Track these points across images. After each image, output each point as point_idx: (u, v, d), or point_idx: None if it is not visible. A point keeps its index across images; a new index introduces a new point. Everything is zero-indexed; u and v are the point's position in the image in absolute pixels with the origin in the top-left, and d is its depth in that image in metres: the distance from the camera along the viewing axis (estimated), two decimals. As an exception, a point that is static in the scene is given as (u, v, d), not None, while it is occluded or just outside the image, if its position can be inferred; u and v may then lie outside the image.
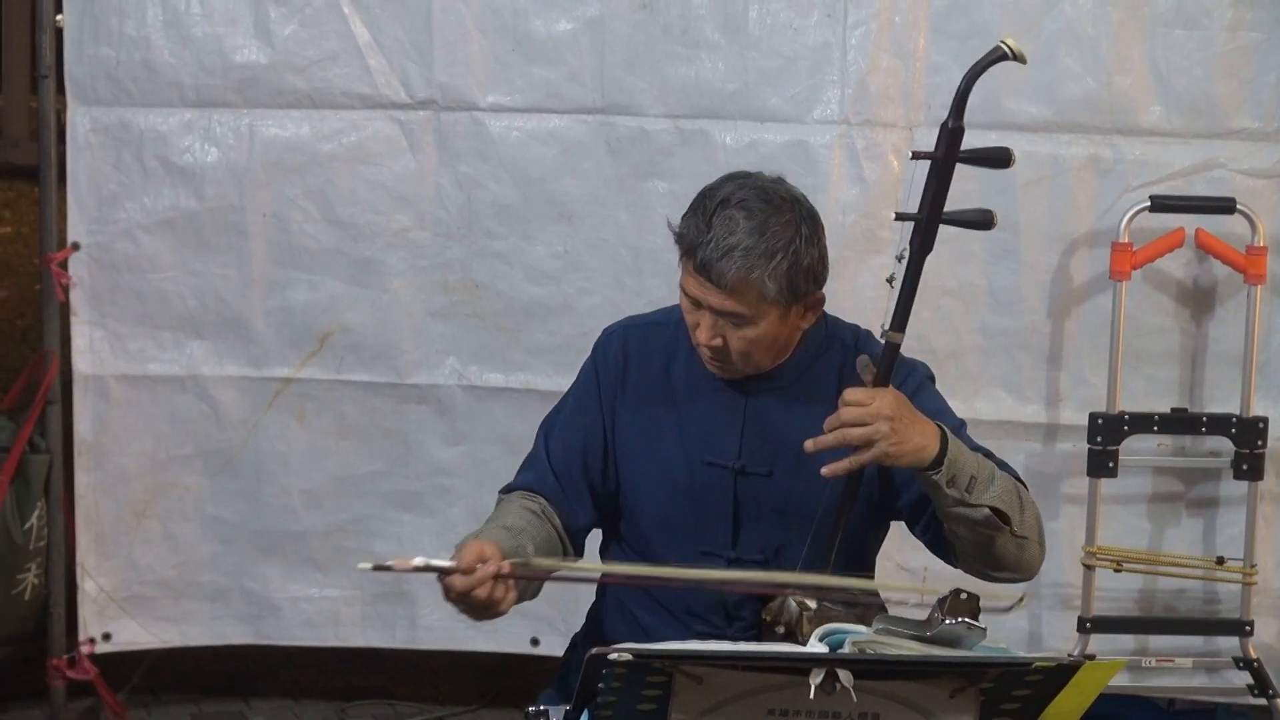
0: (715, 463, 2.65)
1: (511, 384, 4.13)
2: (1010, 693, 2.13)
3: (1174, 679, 4.10)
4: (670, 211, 2.76)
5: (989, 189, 3.92)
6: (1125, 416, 3.93)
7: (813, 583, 2.47)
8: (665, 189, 4.00)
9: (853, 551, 2.64)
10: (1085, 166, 3.97)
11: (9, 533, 4.15)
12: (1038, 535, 2.55)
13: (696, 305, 2.57)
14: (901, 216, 2.55)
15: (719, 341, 2.57)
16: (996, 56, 2.52)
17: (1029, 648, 4.04)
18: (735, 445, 2.65)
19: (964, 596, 2.12)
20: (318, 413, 4.18)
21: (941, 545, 2.60)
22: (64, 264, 4.13)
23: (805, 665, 2.06)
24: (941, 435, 2.45)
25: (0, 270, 7.55)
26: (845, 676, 2.05)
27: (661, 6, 3.97)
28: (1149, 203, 3.89)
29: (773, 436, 2.64)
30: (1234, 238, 3.94)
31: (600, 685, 2.07)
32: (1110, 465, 3.93)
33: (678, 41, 3.98)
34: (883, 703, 2.10)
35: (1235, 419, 3.94)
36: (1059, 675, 2.11)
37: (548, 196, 4.06)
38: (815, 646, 2.16)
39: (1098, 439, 3.93)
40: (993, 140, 3.87)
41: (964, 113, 2.51)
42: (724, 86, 3.98)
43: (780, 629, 2.49)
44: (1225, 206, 3.90)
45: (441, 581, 2.37)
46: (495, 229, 4.09)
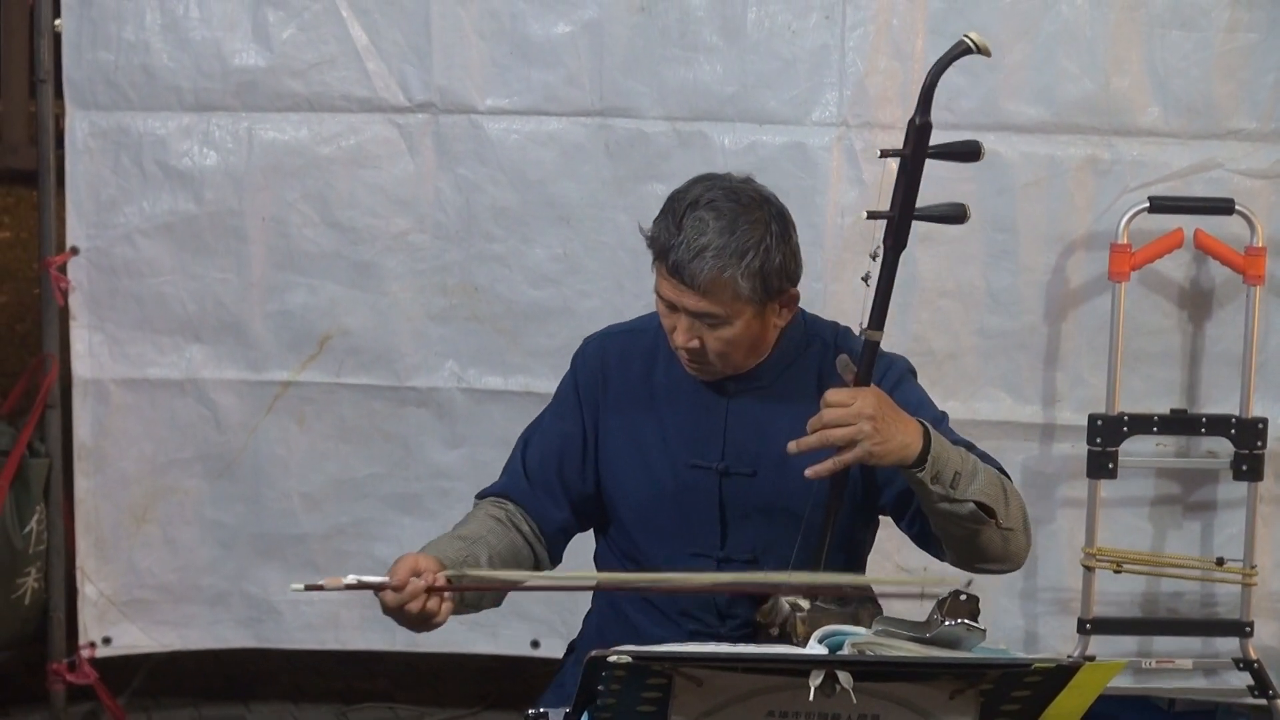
0: (699, 465, 2.67)
1: (511, 387, 4.13)
2: (1010, 694, 2.13)
3: (1174, 680, 4.10)
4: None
5: (987, 190, 3.94)
6: (1124, 418, 3.93)
7: (804, 581, 2.48)
8: (664, 191, 3.87)
9: (844, 550, 2.65)
10: (1083, 167, 3.97)
11: (9, 537, 4.15)
12: (1023, 525, 2.56)
13: (672, 308, 2.59)
14: (873, 215, 2.55)
15: (696, 343, 2.58)
16: (960, 51, 2.51)
17: (1028, 649, 4.04)
18: (718, 447, 2.66)
19: (963, 598, 2.12)
20: (317, 416, 4.18)
21: (928, 539, 2.62)
22: (63, 268, 4.13)
23: (805, 667, 2.06)
24: (925, 432, 2.45)
25: (0, 275, 7.55)
26: (845, 678, 2.05)
27: (660, 9, 3.97)
28: (1147, 204, 3.89)
29: (755, 436, 2.65)
30: (1233, 238, 3.94)
31: (600, 688, 2.07)
32: (1110, 466, 3.93)
33: (676, 44, 3.98)
34: (882, 704, 2.10)
35: (1234, 420, 3.94)
36: (1058, 676, 2.11)
37: (546, 199, 4.07)
38: (814, 648, 2.16)
39: (1097, 440, 3.92)
40: (991, 141, 3.93)
41: (930, 108, 2.50)
42: (722, 89, 3.98)
43: (775, 631, 2.50)
44: (1224, 207, 3.90)
45: (377, 597, 2.40)
46: (494, 232, 4.09)
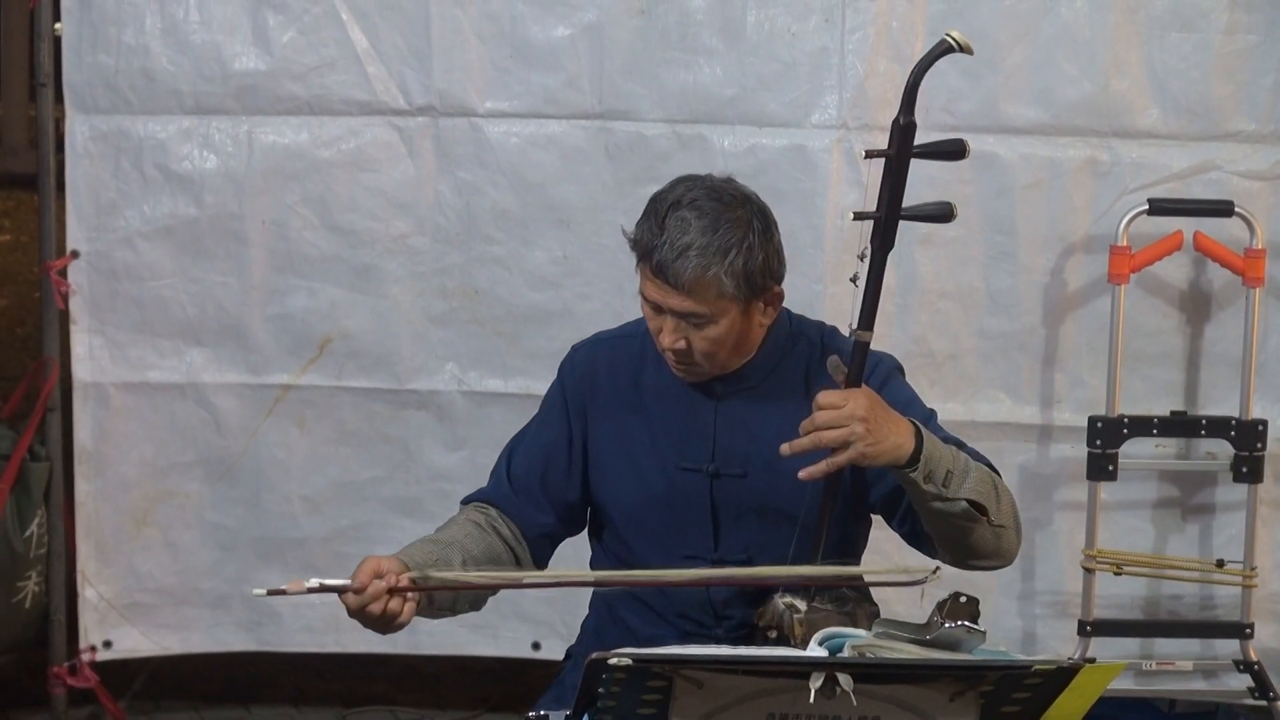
0: (690, 467, 2.67)
1: (511, 389, 4.13)
2: (1010, 696, 2.14)
3: (1174, 682, 4.10)
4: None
5: (986, 192, 3.94)
6: (1124, 419, 3.93)
7: (796, 574, 2.49)
8: (665, 193, 3.99)
9: (838, 549, 2.65)
10: (1082, 169, 3.97)
11: (9, 541, 4.15)
12: (1014, 522, 2.57)
13: (657, 310, 2.59)
14: (860, 216, 2.55)
15: (683, 344, 2.59)
16: (942, 50, 2.51)
17: (1027, 651, 4.04)
18: (708, 449, 2.67)
19: (963, 600, 2.12)
20: (318, 419, 4.18)
21: (919, 538, 2.62)
22: (63, 272, 4.13)
23: (805, 669, 2.07)
24: (916, 432, 2.45)
25: (0, 278, 7.55)
26: (845, 680, 2.05)
27: (659, 12, 3.97)
28: (1147, 206, 3.89)
29: (745, 437, 2.66)
30: (1232, 240, 3.94)
31: (600, 690, 2.07)
32: (1110, 468, 3.92)
33: (676, 47, 3.98)
34: (883, 706, 2.10)
35: (1234, 421, 3.94)
36: (1059, 678, 2.11)
37: (546, 202, 4.07)
38: (815, 650, 2.16)
39: (1097, 442, 3.92)
40: (990, 143, 3.94)
41: (914, 108, 2.50)
42: (722, 91, 3.98)
43: (773, 633, 2.50)
44: (1223, 209, 3.90)
45: (341, 600, 2.41)
46: (494, 235, 4.09)
